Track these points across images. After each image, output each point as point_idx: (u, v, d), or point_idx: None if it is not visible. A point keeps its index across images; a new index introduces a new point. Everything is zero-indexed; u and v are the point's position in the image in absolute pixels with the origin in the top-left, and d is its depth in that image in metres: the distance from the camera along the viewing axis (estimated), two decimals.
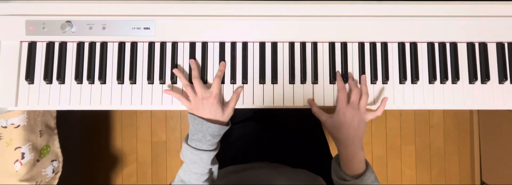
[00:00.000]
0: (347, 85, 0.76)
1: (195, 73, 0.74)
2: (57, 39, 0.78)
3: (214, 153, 0.72)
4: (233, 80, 0.78)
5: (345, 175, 0.70)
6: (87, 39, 0.78)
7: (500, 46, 0.79)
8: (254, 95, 0.78)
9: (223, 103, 0.76)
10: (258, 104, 0.78)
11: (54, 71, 0.78)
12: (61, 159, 1.23)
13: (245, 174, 0.79)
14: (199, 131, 0.70)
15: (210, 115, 0.71)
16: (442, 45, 0.79)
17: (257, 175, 0.77)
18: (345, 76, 0.78)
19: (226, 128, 0.73)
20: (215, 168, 0.75)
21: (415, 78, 0.78)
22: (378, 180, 0.71)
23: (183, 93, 0.77)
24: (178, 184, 0.73)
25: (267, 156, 0.92)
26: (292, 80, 0.78)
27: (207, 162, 0.71)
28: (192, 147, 0.70)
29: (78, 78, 0.77)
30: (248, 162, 0.90)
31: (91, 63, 0.78)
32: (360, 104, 0.72)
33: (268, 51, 0.79)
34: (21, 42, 0.78)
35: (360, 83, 0.77)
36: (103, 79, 0.78)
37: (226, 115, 0.73)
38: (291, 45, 0.79)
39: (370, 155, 1.86)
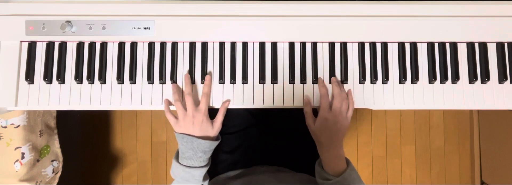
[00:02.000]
0: (330, 90, 0.77)
1: (188, 90, 0.73)
2: (57, 39, 0.78)
3: (206, 169, 0.72)
4: (233, 80, 0.78)
5: (328, 175, 0.71)
6: (87, 39, 0.78)
7: (500, 46, 0.79)
8: (254, 95, 0.78)
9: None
10: (258, 104, 0.78)
11: (54, 71, 0.78)
12: (61, 159, 1.23)
13: (245, 179, 0.79)
14: (190, 149, 0.70)
15: (201, 132, 0.71)
16: (442, 45, 0.79)
17: (256, 181, 0.77)
18: (347, 77, 0.78)
19: (216, 143, 0.73)
20: (206, 183, 0.76)
21: (415, 78, 0.78)
22: (360, 178, 0.72)
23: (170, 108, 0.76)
24: None
25: (267, 160, 0.92)
26: (292, 80, 0.78)
27: (199, 179, 0.71)
28: (184, 165, 0.70)
29: (78, 78, 0.77)
30: (248, 166, 0.90)
31: (91, 63, 0.78)
32: (342, 109, 0.73)
33: (268, 51, 0.79)
34: (21, 42, 0.78)
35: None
36: (103, 79, 0.78)
37: (215, 130, 0.73)
38: (291, 45, 0.79)
39: (370, 155, 1.86)
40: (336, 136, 0.72)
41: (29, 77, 0.77)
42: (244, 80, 0.78)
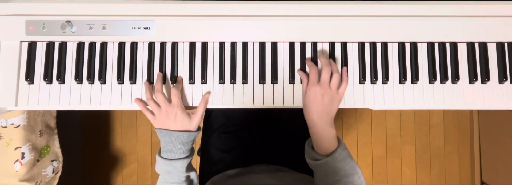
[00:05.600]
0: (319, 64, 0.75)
1: (158, 87, 0.74)
2: (57, 39, 0.78)
3: (188, 160, 0.72)
4: (233, 80, 0.78)
5: (317, 155, 0.68)
6: (87, 39, 0.78)
7: (500, 46, 0.79)
8: (254, 95, 0.78)
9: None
10: (258, 104, 0.78)
11: (54, 71, 0.78)
12: (61, 159, 1.23)
13: (243, 178, 0.79)
14: (168, 142, 0.71)
15: (177, 126, 0.71)
16: (442, 45, 0.79)
17: (254, 180, 0.77)
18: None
19: (194, 134, 0.73)
20: (193, 175, 0.75)
21: (415, 78, 0.78)
22: (352, 157, 0.69)
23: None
24: None
25: (267, 159, 0.92)
26: (292, 80, 0.78)
27: (182, 170, 0.71)
28: (165, 158, 0.71)
29: (78, 78, 0.77)
30: (247, 166, 0.90)
31: (91, 63, 0.78)
32: (332, 82, 0.71)
33: (268, 51, 0.79)
34: (21, 42, 0.78)
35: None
36: (103, 79, 0.78)
37: (194, 123, 0.73)
38: (291, 45, 0.79)
39: (370, 155, 1.86)
40: (325, 111, 0.69)
41: (29, 77, 0.77)
42: (244, 80, 0.78)
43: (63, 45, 0.78)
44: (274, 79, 0.78)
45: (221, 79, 0.78)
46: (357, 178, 0.66)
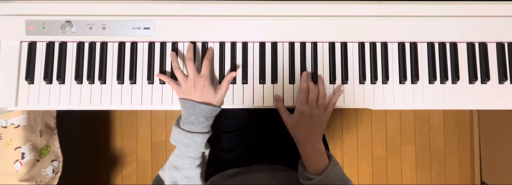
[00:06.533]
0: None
1: (189, 55, 0.74)
2: (57, 39, 0.78)
3: (208, 135, 0.72)
4: (233, 80, 0.78)
5: (309, 174, 0.70)
6: (87, 39, 0.78)
7: (500, 46, 0.79)
8: (254, 95, 0.78)
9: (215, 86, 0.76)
10: (258, 104, 0.78)
11: (54, 71, 0.78)
12: (61, 159, 1.23)
13: (242, 178, 0.79)
14: (192, 114, 0.70)
15: (203, 98, 0.71)
16: (442, 45, 0.79)
17: (253, 179, 0.77)
18: (347, 77, 0.78)
19: (219, 109, 0.73)
20: (207, 152, 0.75)
21: (415, 78, 0.78)
22: (344, 173, 0.71)
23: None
24: (169, 171, 0.72)
25: (267, 159, 0.92)
26: (292, 80, 0.78)
27: (201, 145, 0.71)
28: (186, 130, 0.70)
29: (78, 78, 0.77)
30: (247, 165, 0.90)
31: (91, 63, 0.78)
32: (318, 103, 0.73)
33: (268, 51, 0.79)
34: (21, 42, 0.78)
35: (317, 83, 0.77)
36: (103, 79, 0.78)
37: (218, 97, 0.73)
38: (291, 45, 0.79)
39: (370, 155, 1.86)
40: (312, 131, 0.71)
41: (29, 77, 0.77)
42: (244, 80, 0.78)
43: (63, 45, 0.78)
44: (274, 79, 0.78)
45: (221, 79, 0.78)
46: None
